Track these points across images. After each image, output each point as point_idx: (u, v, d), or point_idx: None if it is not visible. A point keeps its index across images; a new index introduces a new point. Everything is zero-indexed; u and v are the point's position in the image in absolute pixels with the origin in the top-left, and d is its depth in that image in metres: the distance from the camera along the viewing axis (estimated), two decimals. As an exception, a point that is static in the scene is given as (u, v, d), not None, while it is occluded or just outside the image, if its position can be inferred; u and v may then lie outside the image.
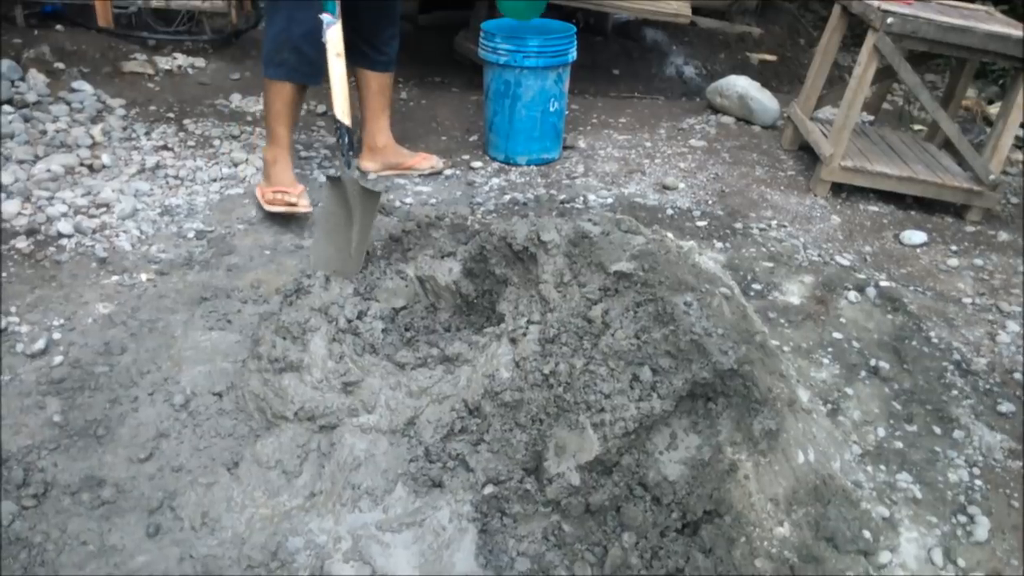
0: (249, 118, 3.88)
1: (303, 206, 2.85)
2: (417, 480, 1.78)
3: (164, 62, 4.39)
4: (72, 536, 1.67)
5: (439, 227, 2.61)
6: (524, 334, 1.97)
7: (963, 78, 3.97)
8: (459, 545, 1.70)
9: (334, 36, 2.35)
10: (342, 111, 2.33)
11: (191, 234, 2.79)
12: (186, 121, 3.71)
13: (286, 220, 2.90)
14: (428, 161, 3.46)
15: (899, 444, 2.16)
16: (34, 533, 1.67)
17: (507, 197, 3.32)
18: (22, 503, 1.72)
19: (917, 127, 4.74)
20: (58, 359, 2.14)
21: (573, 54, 3.61)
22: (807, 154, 4.05)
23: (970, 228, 3.49)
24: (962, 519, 1.94)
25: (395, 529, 1.71)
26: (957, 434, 2.21)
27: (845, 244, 3.21)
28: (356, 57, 3.01)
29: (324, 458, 1.82)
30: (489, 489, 1.76)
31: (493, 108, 3.64)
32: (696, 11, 5.32)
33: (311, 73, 2.74)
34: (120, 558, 1.65)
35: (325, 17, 2.33)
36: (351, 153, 2.35)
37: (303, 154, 3.52)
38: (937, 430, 2.22)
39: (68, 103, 3.62)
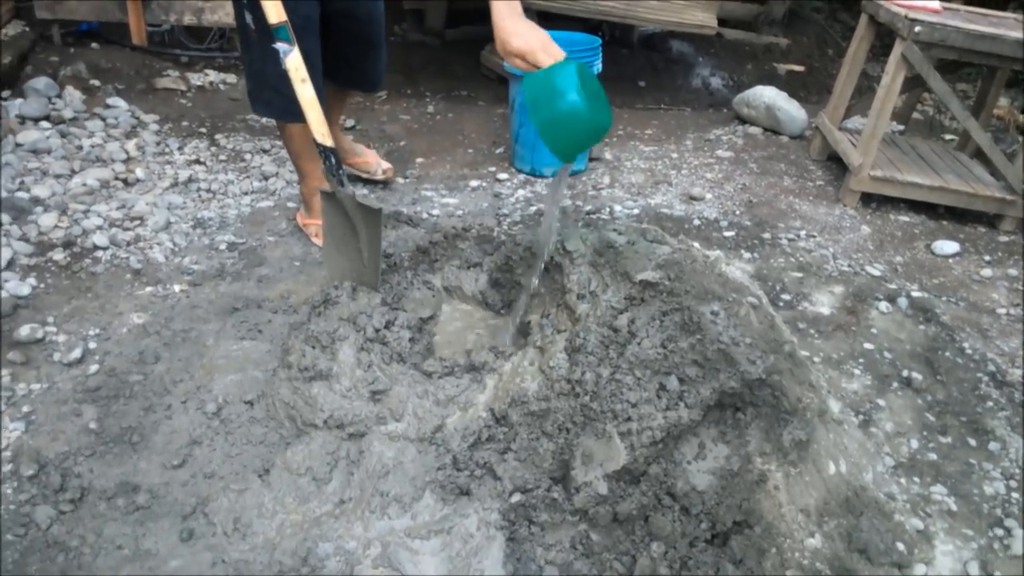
0: (279, 132, 3.93)
1: None
2: (445, 488, 1.79)
3: (196, 78, 4.48)
4: (107, 540, 1.70)
5: (465, 238, 2.64)
6: (550, 343, 1.97)
7: (994, 86, 3.93)
8: (487, 553, 1.70)
9: (294, 63, 2.25)
10: (321, 134, 2.28)
11: (223, 246, 2.84)
12: (218, 136, 3.77)
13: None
14: (366, 162, 3.37)
15: (933, 456, 2.13)
16: (71, 537, 1.70)
17: (533, 208, 3.34)
18: (59, 508, 1.76)
19: (948, 136, 4.69)
20: (94, 368, 2.18)
21: (599, 66, 3.62)
22: (836, 164, 4.03)
23: (1003, 238, 3.44)
24: (999, 532, 1.91)
25: (423, 536, 1.71)
26: (993, 446, 2.17)
27: (876, 254, 3.18)
28: (340, 79, 2.95)
29: (353, 465, 1.84)
30: (517, 497, 1.76)
31: (519, 120, 3.66)
32: (722, 22, 5.32)
33: (299, 111, 2.62)
34: (154, 562, 1.67)
35: (280, 47, 2.24)
36: (341, 172, 2.32)
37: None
38: (972, 442, 2.19)
39: (103, 119, 3.69)
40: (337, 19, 2.71)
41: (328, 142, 2.28)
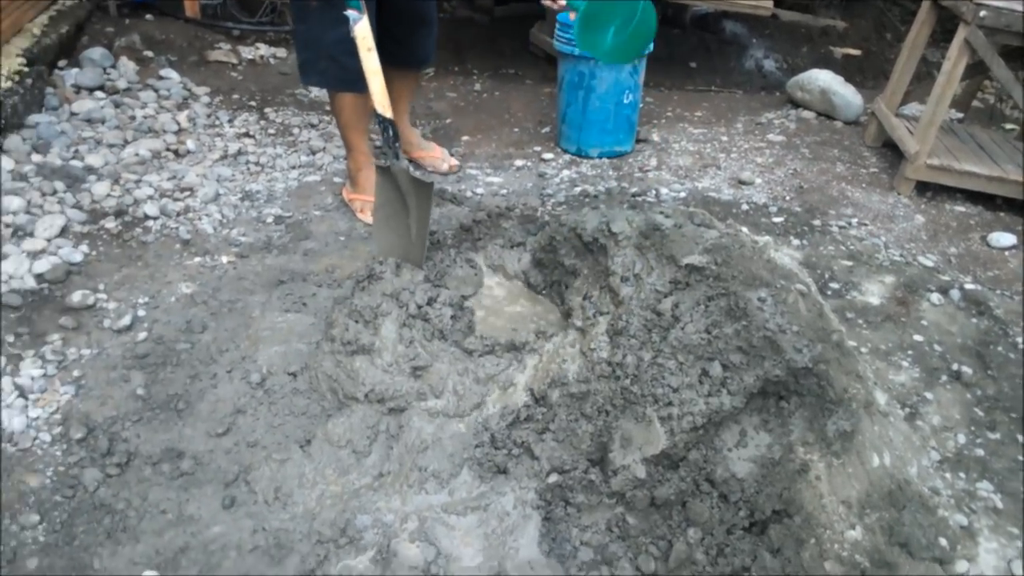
0: (327, 107, 3.96)
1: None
2: (483, 465, 1.79)
3: (247, 52, 4.52)
4: (152, 504, 1.75)
5: (509, 217, 2.63)
6: (592, 325, 1.96)
7: (1061, 74, 3.78)
8: (523, 531, 1.71)
9: (362, 31, 2.30)
10: (382, 105, 2.32)
11: (270, 219, 2.87)
12: (267, 109, 3.81)
13: (360, 207, 2.95)
14: (434, 157, 3.36)
15: (980, 452, 2.08)
16: (117, 500, 1.75)
17: (578, 189, 3.31)
18: (107, 471, 1.80)
19: (1009, 126, 4.54)
20: (142, 335, 2.23)
21: (650, 46, 3.57)
22: (891, 151, 3.92)
23: (1064, 231, 3.33)
24: (1046, 532, 1.86)
25: (460, 512, 1.73)
26: (1043, 444, 2.12)
27: (929, 244, 3.10)
28: (387, 56, 2.83)
29: (393, 440, 1.85)
30: (554, 478, 1.76)
31: (566, 99, 3.62)
32: (778, 3, 5.20)
33: (354, 80, 2.54)
34: (196, 527, 1.71)
35: (350, 14, 2.30)
36: (397, 145, 2.34)
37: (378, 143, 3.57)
38: (1021, 439, 2.13)
39: (156, 90, 3.75)
40: None
41: (388, 113, 2.32)
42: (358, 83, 2.58)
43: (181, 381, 2.07)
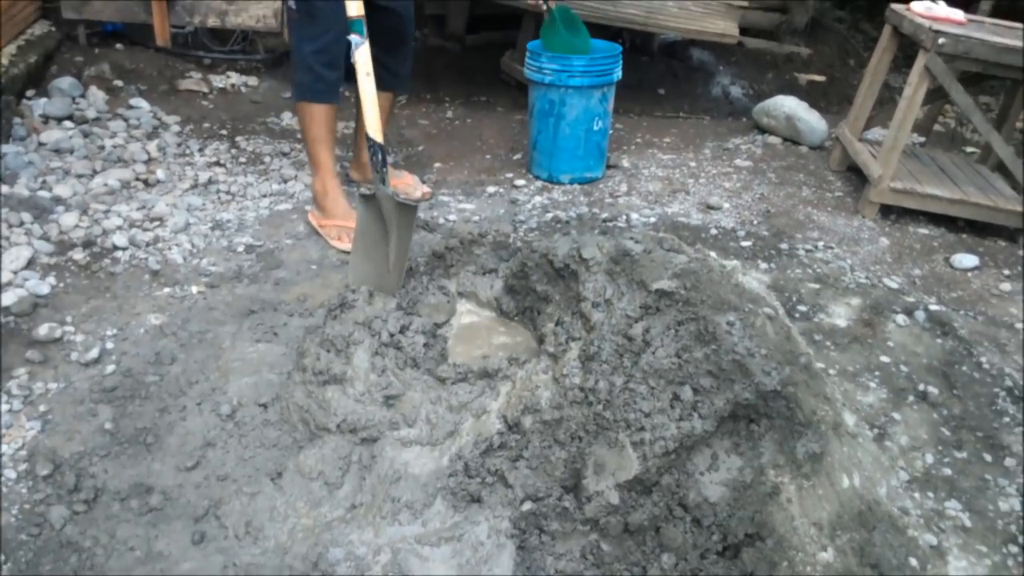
0: (299, 136, 3.96)
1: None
2: (456, 495, 1.79)
3: (218, 80, 4.52)
4: (120, 541, 1.72)
5: (481, 244, 2.64)
6: (564, 351, 1.97)
7: (1017, 99, 3.89)
8: (497, 561, 1.70)
9: (363, 56, 2.39)
10: (374, 129, 2.38)
11: (241, 248, 2.86)
12: (238, 138, 3.80)
13: (332, 235, 2.95)
14: (406, 184, 3.34)
15: (948, 471, 2.11)
16: (84, 538, 1.72)
17: (549, 215, 3.34)
18: (73, 508, 1.77)
19: (970, 149, 4.65)
20: (111, 368, 2.20)
21: (618, 74, 3.62)
22: (855, 175, 4.00)
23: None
24: (1013, 549, 1.89)
25: (434, 543, 1.72)
26: (1008, 462, 2.15)
27: (894, 267, 3.16)
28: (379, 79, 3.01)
29: (365, 470, 1.84)
30: (528, 506, 1.76)
31: (537, 127, 3.66)
32: (744, 31, 5.31)
33: (326, 91, 2.72)
34: (166, 564, 1.68)
35: (353, 38, 2.39)
36: (385, 170, 2.38)
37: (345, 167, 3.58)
38: (988, 457, 2.17)
39: (126, 119, 3.73)
40: (377, 12, 2.75)
41: (379, 138, 2.36)
42: (329, 94, 2.66)
43: (150, 414, 2.05)
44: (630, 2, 4.66)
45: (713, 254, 2.13)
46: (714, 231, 3.30)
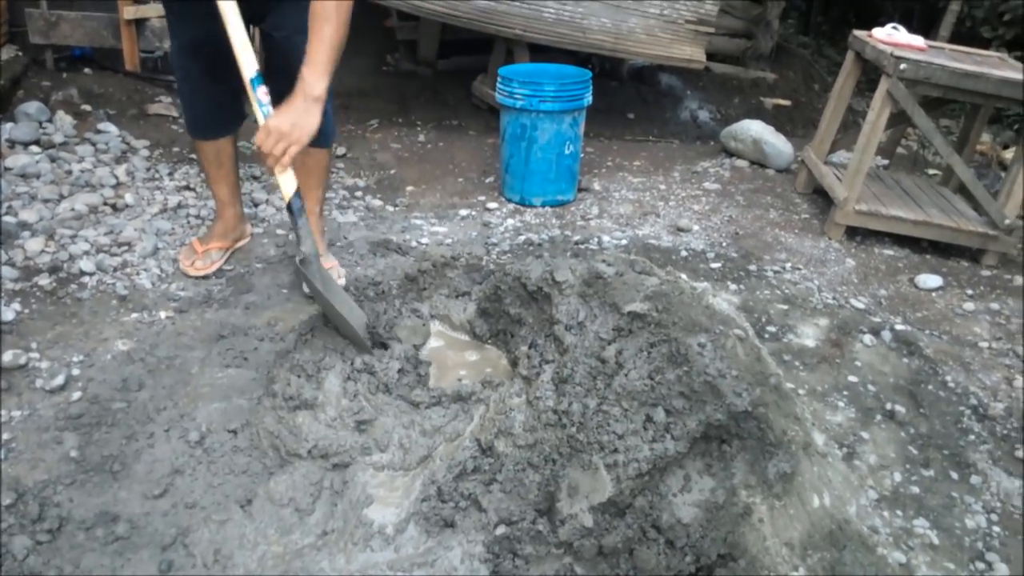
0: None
1: (199, 269, 2.79)
2: (429, 520, 1.78)
3: (188, 104, 4.49)
4: (85, 571, 1.68)
5: (454, 267, 2.65)
6: (538, 374, 1.98)
7: (977, 123, 3.99)
8: (471, 586, 1.69)
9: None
10: (285, 191, 2.22)
11: (211, 273, 2.83)
12: (208, 162, 3.78)
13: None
14: (330, 267, 2.78)
15: (916, 489, 2.14)
16: (48, 568, 1.68)
17: (522, 238, 3.35)
18: (37, 538, 1.73)
19: (932, 171, 4.76)
20: (76, 395, 2.16)
21: (589, 98, 3.66)
22: (821, 197, 4.07)
23: (986, 272, 3.48)
24: (980, 566, 1.91)
25: (406, 569, 1.70)
26: (974, 479, 2.18)
27: (860, 287, 3.21)
28: None
29: (337, 496, 1.82)
30: (501, 530, 1.75)
31: (509, 151, 3.69)
32: (710, 57, 5.40)
33: (199, 129, 2.62)
34: (132, 594, 1.65)
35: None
36: (301, 221, 2.25)
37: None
38: (954, 475, 2.20)
39: (94, 144, 3.69)
40: (273, 54, 2.52)
41: (286, 196, 2.20)
42: (195, 129, 2.61)
43: (116, 442, 2.01)
44: (599, 28, 4.72)
45: (684, 276, 2.15)
46: (684, 253, 3.33)
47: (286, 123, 2.05)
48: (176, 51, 2.50)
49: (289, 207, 2.19)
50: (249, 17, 2.19)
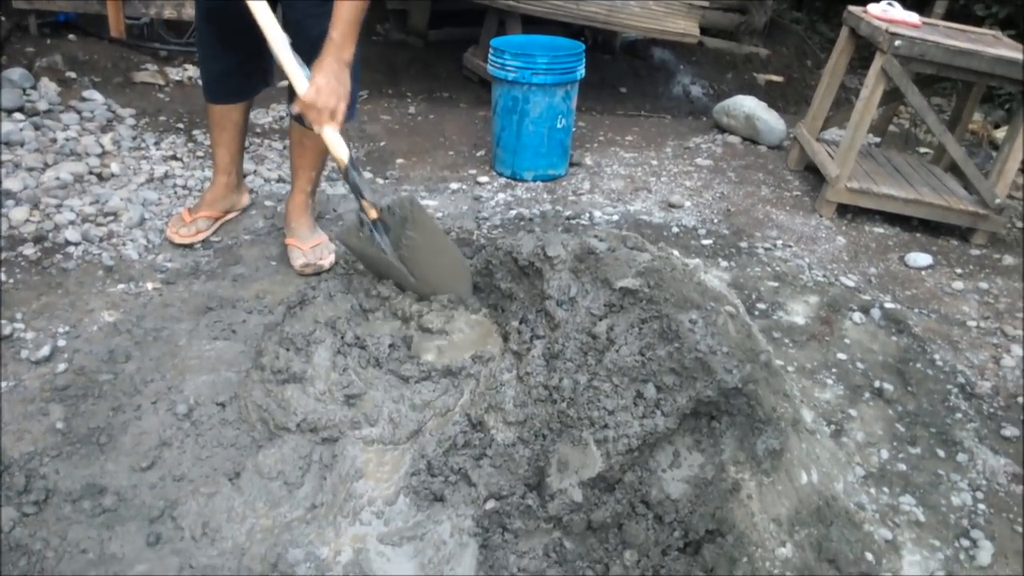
0: (258, 130, 3.91)
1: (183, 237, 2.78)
2: (419, 494, 1.77)
3: (175, 73, 4.43)
4: (72, 544, 1.67)
5: (445, 241, 2.61)
6: (529, 349, 1.97)
7: (970, 102, 3.98)
8: (460, 560, 1.69)
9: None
10: (336, 157, 2.20)
11: (198, 244, 2.80)
12: (195, 132, 3.73)
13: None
14: (316, 244, 2.73)
15: (902, 466, 2.15)
16: (34, 540, 1.67)
17: (513, 212, 3.33)
18: (23, 510, 1.72)
19: (923, 150, 4.75)
20: (62, 366, 2.14)
21: (581, 72, 3.63)
22: (813, 175, 4.06)
23: (975, 251, 3.49)
24: (965, 543, 1.93)
25: (396, 542, 1.70)
26: (961, 457, 2.20)
27: (850, 265, 3.21)
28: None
29: (326, 470, 1.82)
30: (491, 504, 1.75)
31: (501, 124, 3.65)
32: (704, 31, 5.36)
33: (211, 92, 2.66)
34: (120, 567, 1.64)
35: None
36: (361, 181, 2.23)
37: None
38: (941, 453, 2.21)
39: (79, 112, 3.64)
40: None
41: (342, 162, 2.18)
42: (205, 91, 2.66)
43: (103, 414, 2.00)
44: (592, 0, 4.67)
45: (675, 252, 2.14)
46: (676, 229, 3.32)
47: (332, 80, 2.10)
48: (197, 14, 2.57)
49: (346, 173, 2.20)
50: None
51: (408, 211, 2.21)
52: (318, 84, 2.08)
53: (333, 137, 2.16)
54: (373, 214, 2.22)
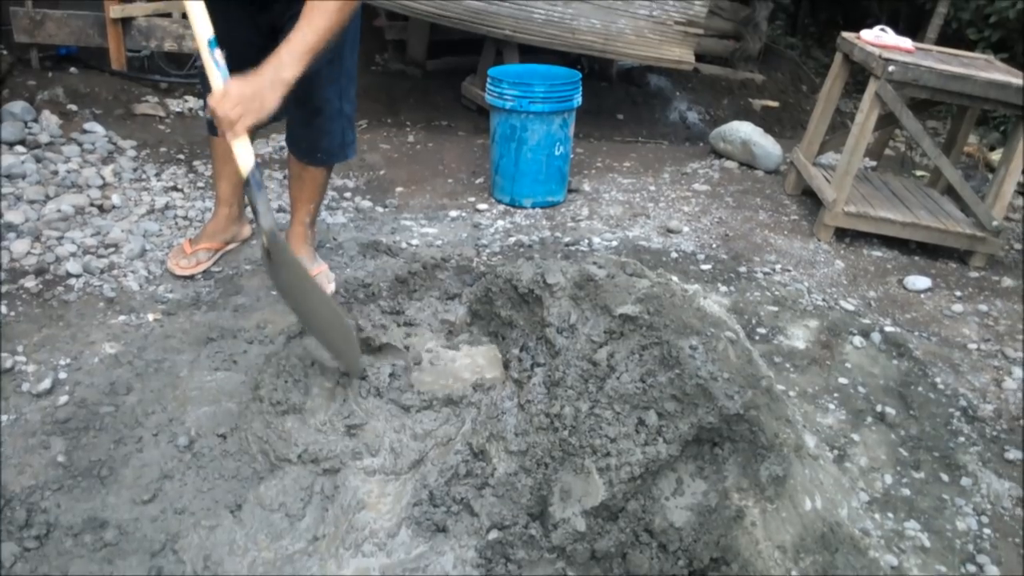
0: (258, 160, 3.92)
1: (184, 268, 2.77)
2: (421, 524, 1.76)
3: (175, 104, 4.46)
4: (73, 578, 1.66)
5: (445, 269, 2.64)
6: (529, 377, 1.97)
7: (965, 125, 4.02)
8: (463, 591, 1.68)
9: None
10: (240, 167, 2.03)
11: (199, 274, 2.81)
12: (196, 163, 3.75)
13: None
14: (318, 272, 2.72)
15: (906, 491, 2.14)
16: (35, 575, 1.66)
17: (512, 239, 3.34)
18: (24, 544, 1.71)
19: (919, 173, 4.78)
20: (64, 399, 2.14)
21: (578, 99, 3.66)
22: (810, 199, 4.08)
23: (974, 274, 3.50)
24: (971, 568, 1.92)
25: (398, 574, 1.69)
26: (965, 481, 2.19)
27: (849, 289, 3.22)
28: (291, 144, 2.64)
29: (328, 501, 1.81)
30: (494, 534, 1.74)
31: (499, 151, 3.68)
32: (699, 58, 5.41)
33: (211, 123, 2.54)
34: (121, 601, 1.63)
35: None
36: (259, 194, 2.02)
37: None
38: (945, 477, 2.21)
39: (80, 144, 3.66)
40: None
41: (243, 172, 2.02)
42: (208, 123, 2.63)
43: (104, 446, 1.99)
44: (588, 29, 4.72)
45: (675, 278, 2.15)
46: (674, 255, 3.33)
47: (249, 91, 1.91)
48: None
49: (247, 181, 2.01)
50: (269, 27, 2.27)
51: (268, 246, 1.97)
52: (229, 90, 1.89)
53: (237, 147, 1.97)
54: (264, 240, 1.98)
